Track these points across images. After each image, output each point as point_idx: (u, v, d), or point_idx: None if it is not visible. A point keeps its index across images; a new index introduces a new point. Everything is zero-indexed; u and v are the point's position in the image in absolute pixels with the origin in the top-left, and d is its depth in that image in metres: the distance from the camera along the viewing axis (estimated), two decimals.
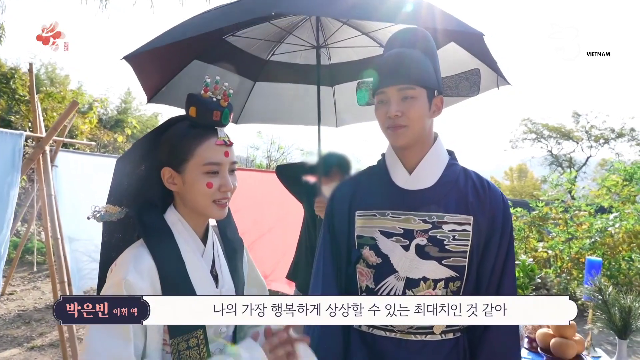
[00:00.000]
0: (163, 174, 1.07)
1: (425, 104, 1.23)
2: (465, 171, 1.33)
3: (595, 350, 2.06)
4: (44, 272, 6.54)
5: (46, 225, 3.51)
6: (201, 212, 1.08)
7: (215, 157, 1.04)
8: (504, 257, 1.27)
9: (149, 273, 1.00)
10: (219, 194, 1.06)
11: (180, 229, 1.09)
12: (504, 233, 1.27)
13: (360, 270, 1.33)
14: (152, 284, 0.99)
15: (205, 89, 1.03)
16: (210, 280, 1.10)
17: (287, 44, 2.66)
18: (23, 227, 6.21)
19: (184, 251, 1.06)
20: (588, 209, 6.19)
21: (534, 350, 2.00)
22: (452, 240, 1.23)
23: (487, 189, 1.29)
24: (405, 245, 1.25)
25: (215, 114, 1.04)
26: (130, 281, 0.96)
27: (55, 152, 4.19)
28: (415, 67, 1.22)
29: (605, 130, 19.14)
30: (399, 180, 1.31)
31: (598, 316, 1.78)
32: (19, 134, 3.10)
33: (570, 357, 1.80)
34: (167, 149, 1.06)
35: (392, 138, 1.27)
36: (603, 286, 1.75)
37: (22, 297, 5.42)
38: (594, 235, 5.75)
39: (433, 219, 1.24)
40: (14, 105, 10.26)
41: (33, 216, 5.38)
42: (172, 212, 1.10)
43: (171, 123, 1.10)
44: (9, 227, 3.04)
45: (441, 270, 1.24)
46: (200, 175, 1.04)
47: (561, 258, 6.19)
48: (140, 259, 1.01)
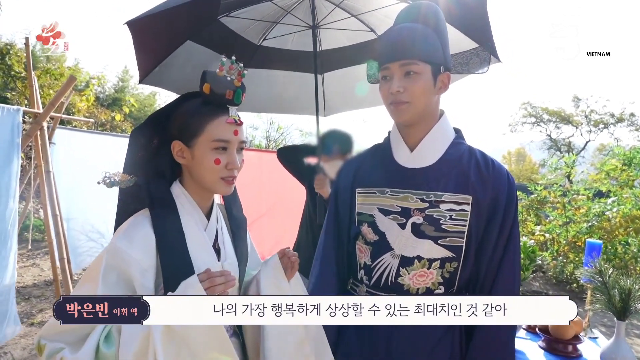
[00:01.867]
0: (173, 147, 1.10)
1: (429, 80, 1.20)
2: (471, 150, 1.30)
3: (593, 331, 2.09)
4: (42, 249, 6.56)
5: (45, 203, 3.49)
6: (208, 187, 1.11)
7: (225, 134, 1.07)
8: (506, 238, 1.24)
9: (143, 241, 1.02)
10: (225, 171, 1.08)
11: (184, 201, 1.12)
12: (507, 214, 1.24)
13: (359, 247, 1.34)
14: (145, 252, 1.01)
15: (220, 68, 1.05)
16: (211, 253, 1.12)
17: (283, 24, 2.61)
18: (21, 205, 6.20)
19: (186, 223, 1.09)
20: (586, 193, 6.21)
21: (532, 330, 2.02)
22: (449, 220, 1.22)
23: (492, 169, 1.26)
24: (401, 224, 1.24)
25: (228, 93, 1.06)
26: (118, 247, 1.00)
27: (52, 129, 4.14)
28: (419, 42, 1.19)
29: (605, 115, 19.08)
30: (400, 158, 1.30)
31: (597, 298, 1.78)
32: (16, 109, 3.07)
33: (568, 337, 1.82)
34: (179, 123, 1.09)
35: (394, 114, 1.25)
36: (603, 268, 1.76)
37: (21, 274, 5.44)
38: (592, 219, 5.78)
39: (431, 197, 1.23)
40: (10, 82, 10.13)
41: (30, 193, 5.36)
42: (177, 185, 1.13)
43: (185, 98, 1.13)
44: (15, 201, 3.04)
45: (437, 250, 1.23)
46: (208, 151, 1.06)
47: (558, 241, 6.23)
48: (137, 227, 1.04)
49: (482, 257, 1.25)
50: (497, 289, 1.24)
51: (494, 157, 1.31)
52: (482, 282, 1.26)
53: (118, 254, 1.00)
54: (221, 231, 1.19)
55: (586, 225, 5.79)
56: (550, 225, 6.25)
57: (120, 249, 1.00)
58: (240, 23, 2.52)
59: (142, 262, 1.01)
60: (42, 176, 3.46)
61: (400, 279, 1.25)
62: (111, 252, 1.00)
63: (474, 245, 1.24)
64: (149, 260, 1.02)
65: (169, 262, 1.03)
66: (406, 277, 1.25)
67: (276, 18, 2.59)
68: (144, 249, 1.02)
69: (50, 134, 4.01)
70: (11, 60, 10.11)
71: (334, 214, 1.40)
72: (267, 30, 2.70)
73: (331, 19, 2.57)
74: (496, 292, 1.23)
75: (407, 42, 1.20)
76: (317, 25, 2.46)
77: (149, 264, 1.02)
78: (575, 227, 5.95)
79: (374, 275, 1.29)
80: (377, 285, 1.29)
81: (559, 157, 8.79)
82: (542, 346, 1.87)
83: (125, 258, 0.99)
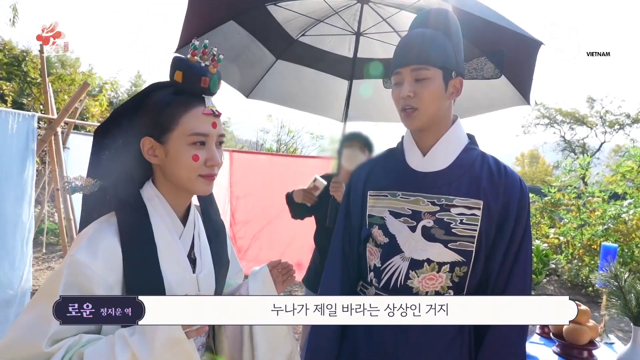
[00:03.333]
0: (143, 145, 0.97)
1: (440, 85, 1.20)
2: (484, 156, 1.30)
3: (609, 336, 2.05)
4: (56, 252, 6.65)
5: (59, 207, 3.55)
6: (185, 187, 0.99)
7: (202, 127, 0.95)
8: (518, 245, 1.23)
9: (107, 253, 0.90)
10: (205, 168, 0.97)
11: (157, 205, 1.00)
12: (519, 220, 1.23)
13: (369, 249, 1.34)
14: (110, 267, 0.90)
15: (192, 52, 0.94)
16: (186, 265, 1.01)
17: (327, 24, 2.62)
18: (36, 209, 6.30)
19: (158, 231, 0.97)
20: (601, 195, 6.11)
21: (546, 335, 1.99)
22: (459, 224, 1.21)
23: (504, 175, 1.25)
24: (412, 226, 1.24)
25: (203, 80, 0.94)
26: (77, 259, 0.88)
27: (66, 134, 4.22)
28: (430, 47, 1.19)
29: (620, 115, 18.78)
30: (412, 162, 1.30)
31: (613, 302, 1.75)
32: (31, 115, 3.13)
33: (583, 343, 1.79)
34: (149, 117, 0.97)
35: (405, 121, 1.25)
36: (619, 272, 1.72)
37: (37, 277, 5.52)
38: (607, 221, 5.68)
39: (442, 201, 1.22)
40: (26, 87, 10.33)
41: (45, 198, 5.44)
42: (149, 187, 1.01)
43: (153, 89, 1.00)
44: (31, 206, 3.09)
45: (446, 254, 1.22)
46: (185, 146, 0.95)
47: (573, 244, 6.14)
48: (99, 235, 0.92)
49: (493, 263, 1.24)
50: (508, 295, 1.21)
51: (507, 159, 1.31)
52: (492, 288, 1.25)
53: (79, 268, 0.87)
54: (198, 238, 1.08)
55: (602, 228, 5.69)
56: (565, 228, 6.16)
57: (81, 262, 0.87)
58: (284, 14, 2.54)
59: (106, 278, 0.89)
60: (56, 180, 3.51)
61: (409, 282, 1.25)
62: (72, 266, 0.88)
63: (484, 251, 1.23)
64: (115, 275, 0.90)
65: (136, 277, 0.91)
66: (415, 280, 1.25)
67: (322, 16, 2.60)
68: (109, 262, 0.90)
69: (64, 139, 4.08)
70: (27, 67, 10.33)
71: (345, 216, 1.41)
72: (309, 27, 2.71)
73: (375, 30, 2.58)
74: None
75: (418, 47, 1.20)
76: (360, 32, 2.48)
77: (115, 280, 0.90)
78: (590, 229, 5.85)
79: (383, 278, 1.29)
80: (386, 288, 1.28)
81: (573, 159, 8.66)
82: (556, 351, 1.84)
83: (87, 273, 0.87)
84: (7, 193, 2.98)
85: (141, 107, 0.99)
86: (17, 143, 3.03)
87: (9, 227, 2.99)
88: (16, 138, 3.02)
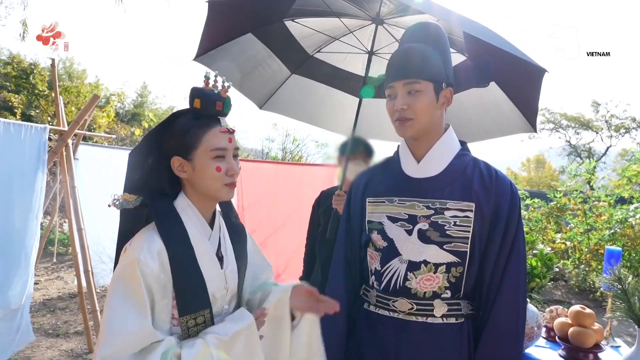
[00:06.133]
0: (173, 163, 1.15)
1: (431, 96, 1.29)
2: (475, 161, 1.37)
3: (615, 340, 2.06)
4: (66, 262, 6.71)
5: (70, 217, 3.60)
6: (212, 195, 1.16)
7: (221, 143, 1.13)
8: (510, 244, 1.29)
9: (159, 255, 1.07)
10: (227, 177, 1.14)
11: (190, 214, 1.17)
12: (511, 220, 1.29)
13: (370, 254, 1.41)
14: (161, 265, 1.07)
15: (206, 82, 1.13)
16: (215, 262, 1.18)
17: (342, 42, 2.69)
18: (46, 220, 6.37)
19: (192, 235, 1.14)
20: (608, 199, 6.10)
21: (552, 339, 2.00)
22: (453, 226, 1.28)
23: (495, 178, 1.32)
24: (408, 230, 1.31)
25: (218, 104, 1.13)
26: (142, 260, 1.04)
27: (76, 145, 4.28)
28: (421, 61, 1.28)
29: (626, 119, 18.69)
30: (408, 169, 1.38)
31: (617, 305, 1.77)
32: (43, 127, 3.19)
33: (589, 346, 1.80)
34: (175, 140, 1.14)
35: (399, 130, 1.34)
36: (622, 275, 1.74)
37: (47, 287, 5.58)
38: (614, 226, 5.67)
39: (436, 205, 1.30)
40: (34, 100, 10.48)
41: (55, 208, 5.51)
42: (182, 198, 1.18)
43: (176, 117, 1.19)
44: (38, 219, 3.14)
45: (442, 255, 1.29)
46: (209, 160, 1.12)
47: (580, 249, 6.12)
48: (152, 240, 1.08)
49: (487, 263, 1.30)
50: (502, 294, 1.27)
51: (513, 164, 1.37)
52: (487, 287, 1.30)
53: (143, 267, 1.04)
54: (223, 239, 1.25)
55: (608, 232, 5.67)
56: (571, 233, 6.14)
57: (143, 262, 1.04)
58: (302, 30, 2.61)
59: (161, 275, 1.06)
60: (67, 191, 3.57)
61: (407, 283, 1.31)
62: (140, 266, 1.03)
63: (478, 251, 1.29)
64: (165, 274, 1.07)
65: (181, 276, 1.09)
66: (413, 281, 1.30)
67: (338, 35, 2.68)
68: (161, 263, 1.07)
69: (74, 150, 4.15)
70: (35, 80, 10.48)
71: (347, 223, 1.48)
72: (324, 44, 2.78)
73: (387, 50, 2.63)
74: (501, 297, 1.27)
75: (409, 62, 1.28)
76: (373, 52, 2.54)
77: (166, 278, 1.07)
78: (597, 234, 5.84)
79: (383, 280, 1.35)
80: (387, 290, 1.35)
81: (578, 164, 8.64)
82: (562, 355, 1.86)
83: (147, 272, 1.04)
84: (19, 204, 3.02)
85: (167, 132, 1.17)
86: (29, 155, 3.08)
87: (18, 237, 3.03)
88: (28, 150, 3.07)
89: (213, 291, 1.14)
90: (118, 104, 13.35)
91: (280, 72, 2.82)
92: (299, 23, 2.54)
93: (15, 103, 9.81)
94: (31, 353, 3.62)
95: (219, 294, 1.16)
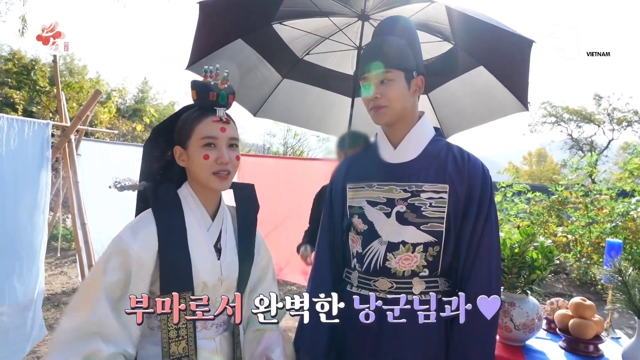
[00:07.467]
0: (175, 152, 1.22)
1: (403, 84, 1.36)
2: (449, 145, 1.44)
3: (615, 331, 2.07)
4: (69, 257, 6.75)
5: (73, 213, 3.63)
6: (203, 183, 1.20)
7: (211, 131, 1.17)
8: (483, 223, 1.35)
9: (145, 236, 1.13)
10: (216, 165, 1.17)
11: (190, 202, 1.22)
12: (482, 201, 1.36)
13: (351, 237, 1.48)
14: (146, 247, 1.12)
15: (204, 76, 1.17)
16: (212, 252, 1.23)
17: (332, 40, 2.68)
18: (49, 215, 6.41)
19: (189, 221, 1.20)
20: (609, 192, 6.10)
21: (552, 331, 2.01)
22: (429, 207, 1.34)
23: (467, 160, 1.39)
24: (387, 213, 1.37)
25: (211, 95, 1.17)
26: (122, 238, 1.12)
27: (78, 140, 4.30)
28: (391, 52, 1.36)
29: (628, 112, 18.63)
30: (385, 155, 1.45)
31: (617, 297, 1.78)
32: (46, 123, 3.20)
33: (589, 337, 1.81)
34: (177, 130, 1.22)
35: (375, 117, 1.40)
36: (623, 267, 1.75)
37: (50, 282, 5.62)
38: (615, 219, 5.68)
39: (412, 188, 1.36)
40: (35, 96, 10.48)
41: (58, 204, 5.54)
42: (185, 187, 1.25)
43: (183, 110, 1.25)
44: (45, 215, 3.16)
45: (420, 235, 1.35)
46: (198, 148, 1.17)
47: (581, 242, 6.13)
48: (141, 223, 1.16)
49: (462, 241, 1.36)
50: (476, 271, 1.33)
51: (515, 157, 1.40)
52: (462, 265, 1.36)
53: (120, 244, 1.11)
54: (225, 232, 1.28)
55: (610, 225, 5.68)
56: (573, 226, 6.15)
57: (123, 240, 1.12)
58: (290, 32, 2.60)
59: (141, 256, 1.11)
60: (70, 187, 3.59)
61: (387, 263, 1.37)
62: (116, 242, 1.12)
63: (453, 230, 1.36)
64: (148, 255, 1.12)
65: (168, 256, 1.13)
66: (393, 261, 1.36)
67: (326, 34, 2.67)
68: (146, 244, 1.12)
69: (76, 145, 4.17)
70: (36, 76, 10.47)
71: (330, 209, 1.55)
72: (313, 46, 2.76)
73: None
74: (475, 274, 1.33)
75: (382, 54, 1.36)
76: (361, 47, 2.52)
77: (148, 259, 1.12)
78: (598, 227, 5.85)
79: (364, 262, 1.41)
80: (368, 271, 1.40)
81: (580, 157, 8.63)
82: (562, 346, 1.87)
83: (125, 249, 1.10)
84: (24, 200, 3.04)
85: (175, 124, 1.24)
86: (32, 151, 3.09)
87: (25, 234, 3.06)
88: (31, 146, 3.09)
89: (204, 279, 1.18)
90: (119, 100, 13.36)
91: (271, 77, 2.81)
92: (287, 25, 2.54)
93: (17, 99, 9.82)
94: (35, 346, 3.65)
95: (210, 283, 1.20)
